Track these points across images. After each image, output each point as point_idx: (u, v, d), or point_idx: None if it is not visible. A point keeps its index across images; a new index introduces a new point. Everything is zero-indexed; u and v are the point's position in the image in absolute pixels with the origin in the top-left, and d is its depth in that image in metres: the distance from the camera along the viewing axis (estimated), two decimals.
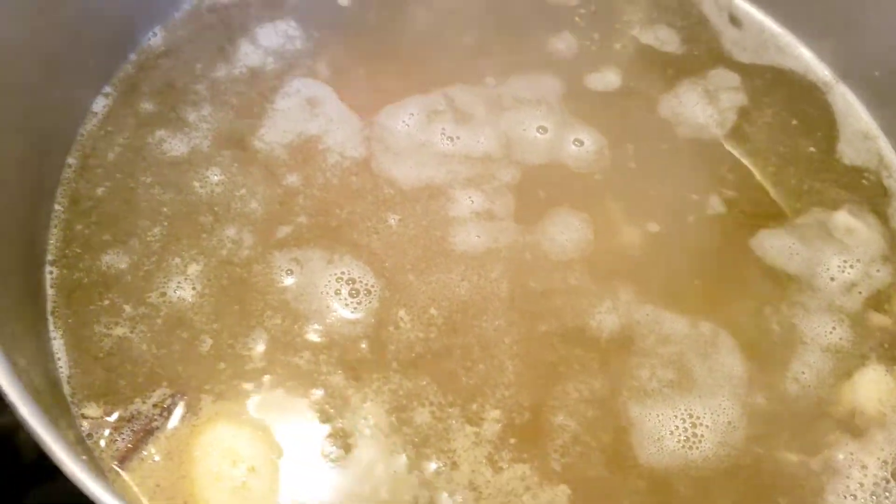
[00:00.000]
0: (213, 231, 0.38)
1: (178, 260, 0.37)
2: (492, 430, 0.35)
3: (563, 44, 0.47)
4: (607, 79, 0.46)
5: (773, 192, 0.43)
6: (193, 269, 0.37)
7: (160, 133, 0.40)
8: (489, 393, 0.35)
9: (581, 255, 0.40)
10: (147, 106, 0.41)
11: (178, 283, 0.37)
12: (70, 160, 0.39)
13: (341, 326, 0.37)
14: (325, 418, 0.34)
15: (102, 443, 0.32)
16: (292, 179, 0.40)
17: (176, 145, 0.40)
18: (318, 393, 0.35)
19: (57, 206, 0.37)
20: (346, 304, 0.37)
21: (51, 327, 0.35)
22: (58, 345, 0.34)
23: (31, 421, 0.26)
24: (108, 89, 0.41)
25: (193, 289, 0.37)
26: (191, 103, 0.41)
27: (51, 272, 0.36)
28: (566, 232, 0.41)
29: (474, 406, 0.35)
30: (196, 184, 0.39)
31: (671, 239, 0.41)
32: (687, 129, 0.45)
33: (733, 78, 0.47)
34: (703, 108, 0.45)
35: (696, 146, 0.44)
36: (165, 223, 0.38)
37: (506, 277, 0.39)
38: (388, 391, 0.35)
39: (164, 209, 0.38)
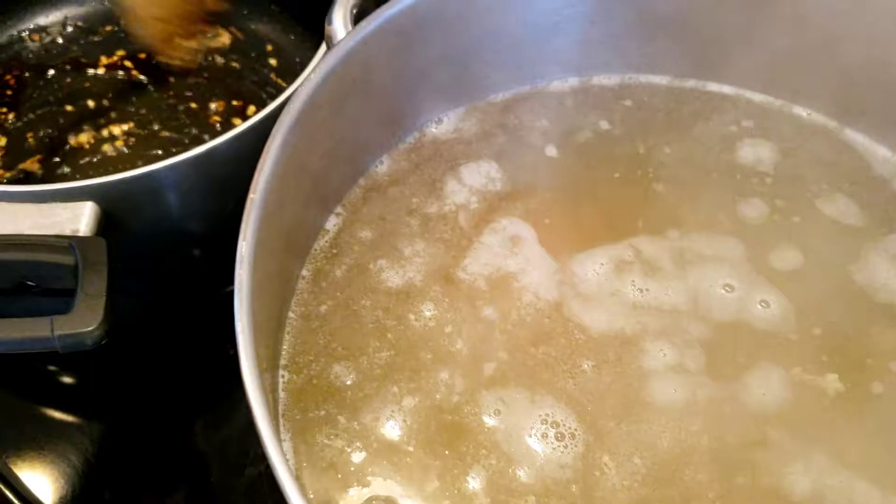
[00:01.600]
0: (430, 370, 0.41)
1: (395, 389, 0.40)
2: None
3: (751, 209, 0.49)
4: (792, 248, 0.48)
5: None
6: (408, 402, 0.40)
7: (381, 262, 0.44)
8: None
9: (778, 412, 0.41)
10: (367, 233, 0.45)
11: (392, 412, 0.40)
12: (304, 272, 0.42)
13: (552, 470, 0.39)
14: None
15: None
16: (489, 312, 0.43)
17: (393, 276, 0.44)
18: None
19: (291, 314, 0.41)
20: (554, 448, 0.39)
21: (282, 428, 0.38)
22: (287, 446, 0.37)
23: None
24: (339, 209, 0.45)
25: (405, 421, 0.39)
26: (405, 236, 0.45)
27: (283, 376, 0.39)
28: (762, 388, 0.42)
29: None
30: (411, 316, 0.42)
31: (870, 405, 0.42)
32: (884, 294, 0.46)
33: None
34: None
35: (888, 311, 0.45)
36: (392, 351, 0.41)
37: (706, 431, 0.40)
38: None
39: (389, 335, 0.41)
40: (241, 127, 0.49)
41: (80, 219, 0.45)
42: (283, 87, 0.68)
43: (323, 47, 0.54)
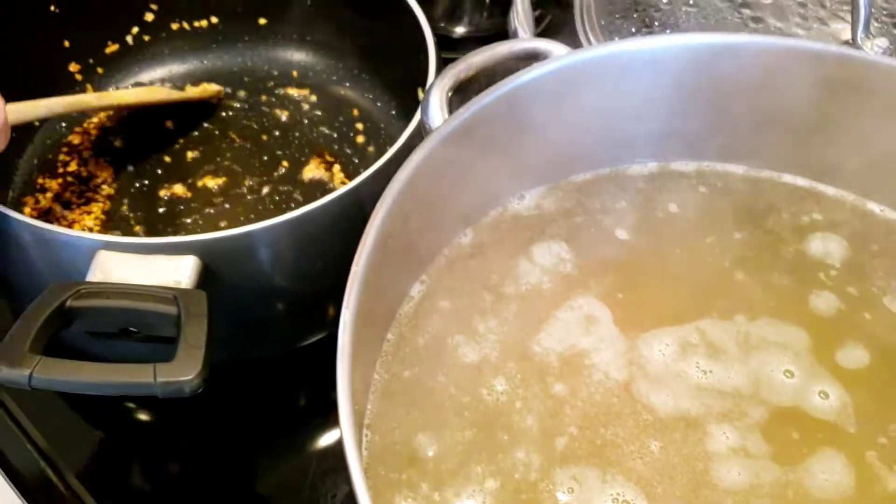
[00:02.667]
0: (508, 451, 0.42)
1: (479, 469, 0.41)
2: None
3: (820, 301, 0.50)
4: (858, 345, 0.49)
5: None
6: (490, 484, 0.41)
7: (458, 338, 0.46)
8: None
9: (841, 498, 0.42)
10: (447, 304, 0.47)
11: (474, 491, 0.41)
12: (389, 335, 0.45)
13: None
14: None
15: None
16: (560, 389, 0.45)
17: (468, 352, 0.46)
18: None
19: (376, 376, 0.43)
20: None
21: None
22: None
23: None
24: (424, 277, 0.48)
25: (484, 501, 0.41)
26: (481, 312, 0.47)
27: (366, 435, 0.41)
28: (825, 473, 0.43)
29: None
30: (484, 391, 0.44)
31: None
32: None
33: None
34: None
35: None
36: (473, 429, 0.42)
37: None
38: None
39: (466, 413, 0.43)
40: (334, 194, 0.52)
41: (182, 271, 0.49)
42: (368, 152, 0.71)
43: (414, 121, 0.58)
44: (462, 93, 0.48)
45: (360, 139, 0.72)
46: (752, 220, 0.53)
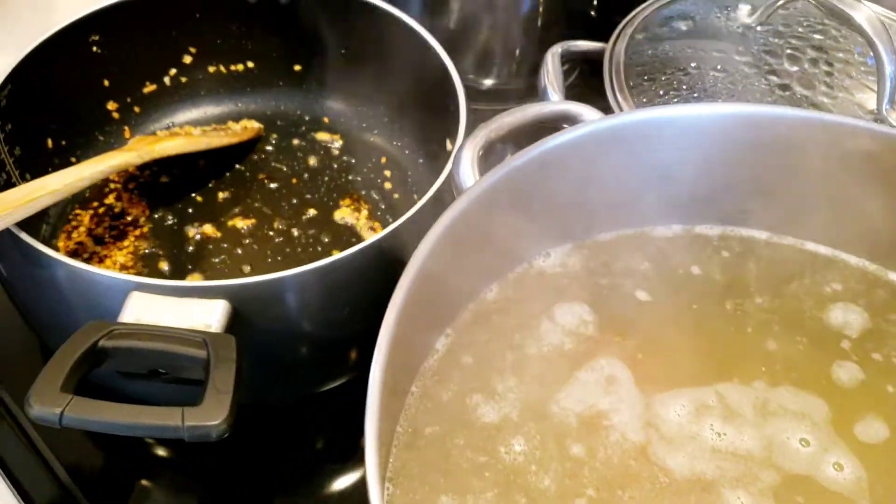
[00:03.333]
0: None
1: None
2: None
3: (842, 372, 0.51)
4: (878, 419, 0.49)
5: None
6: None
7: (476, 397, 0.46)
8: None
9: None
10: (469, 359, 0.48)
11: None
12: (413, 388, 0.46)
13: None
14: None
15: None
16: (578, 450, 0.46)
17: (488, 411, 0.46)
18: None
19: (399, 429, 0.44)
20: None
21: None
22: None
23: None
24: (448, 331, 0.48)
25: None
26: (501, 371, 0.47)
27: (388, 488, 0.42)
28: None
29: None
30: (502, 450, 0.45)
31: None
32: None
33: None
34: None
35: None
36: (495, 490, 0.43)
37: None
38: None
39: (486, 474, 0.43)
40: (363, 244, 0.53)
41: (213, 315, 0.50)
42: (395, 198, 0.72)
43: (443, 175, 0.59)
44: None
45: (388, 185, 0.74)
46: (774, 286, 0.54)
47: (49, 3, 0.90)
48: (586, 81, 0.75)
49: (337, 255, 0.52)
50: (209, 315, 0.50)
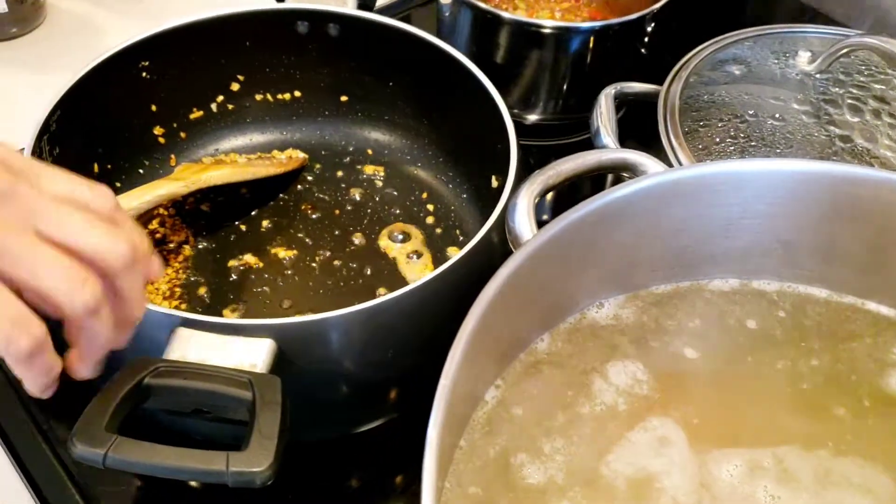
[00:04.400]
0: None
1: None
2: None
3: None
4: None
5: None
6: None
7: (521, 457, 0.45)
8: None
9: None
10: (518, 412, 0.47)
11: None
12: (462, 443, 0.44)
13: None
14: None
15: None
16: None
17: (533, 472, 0.45)
18: None
19: (447, 484, 0.43)
20: None
21: None
22: None
23: None
24: (499, 381, 0.47)
25: None
26: (546, 430, 0.46)
27: None
28: None
29: None
30: None
31: None
32: None
33: None
34: None
35: None
36: None
37: None
38: None
39: None
40: (413, 285, 0.52)
41: (258, 354, 0.49)
42: (437, 233, 0.71)
43: (493, 217, 0.57)
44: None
45: (430, 220, 0.73)
46: (833, 346, 0.52)
47: (98, 28, 0.90)
48: (636, 122, 0.73)
49: (385, 296, 0.52)
50: (255, 354, 0.49)
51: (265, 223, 0.71)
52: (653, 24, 0.81)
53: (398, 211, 0.73)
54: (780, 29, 0.72)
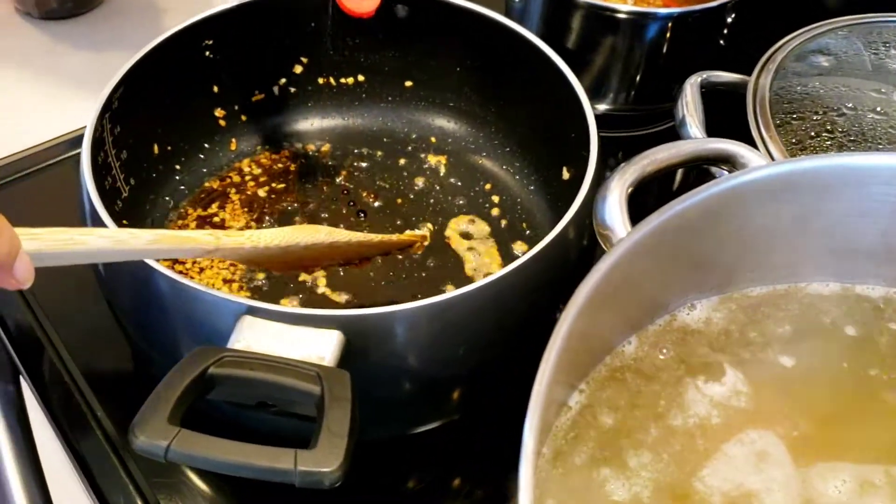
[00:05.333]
0: None
1: None
2: None
3: None
4: None
5: None
6: None
7: (605, 471, 0.42)
8: None
9: None
10: (605, 420, 0.43)
11: None
12: (545, 450, 0.41)
13: None
14: None
15: None
16: None
17: (618, 488, 0.42)
18: None
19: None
20: None
21: None
22: None
23: None
24: (583, 386, 0.44)
25: None
26: (633, 442, 0.43)
27: None
28: None
29: None
30: None
31: None
32: None
33: None
34: None
35: None
36: None
37: None
38: None
39: None
40: (484, 281, 0.49)
41: (326, 346, 0.46)
42: (502, 225, 0.68)
43: (571, 212, 0.54)
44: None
45: (495, 212, 0.70)
46: None
47: (159, 6, 0.89)
48: (718, 114, 0.69)
49: (458, 291, 0.49)
50: (322, 346, 0.46)
51: (325, 212, 0.69)
52: (734, 14, 0.77)
53: (462, 202, 0.70)
54: (874, 19, 0.68)
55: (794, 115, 0.58)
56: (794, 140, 0.56)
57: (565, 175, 0.67)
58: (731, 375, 0.45)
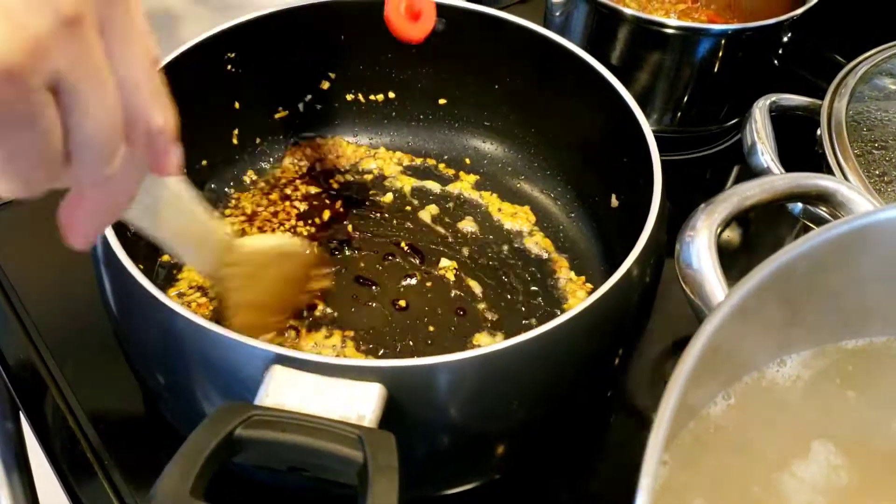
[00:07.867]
0: None
1: None
2: None
3: None
4: None
5: None
6: None
7: None
8: None
9: None
10: (693, 500, 0.38)
11: None
12: None
13: None
14: None
15: None
16: None
17: None
18: None
19: None
20: None
21: None
22: None
23: None
24: (666, 457, 0.39)
25: None
26: None
27: None
28: None
29: None
30: None
31: None
32: None
33: None
34: None
35: None
36: None
37: None
38: None
39: None
40: (531, 333, 0.44)
41: (366, 402, 0.41)
42: (543, 258, 0.63)
43: (637, 250, 0.48)
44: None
45: (533, 240, 0.65)
46: None
47: (177, 16, 0.83)
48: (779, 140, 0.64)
49: (503, 344, 0.43)
50: (363, 402, 0.41)
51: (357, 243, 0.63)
52: (790, 33, 0.72)
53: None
54: None
55: (876, 144, 0.53)
56: (877, 172, 0.51)
57: (614, 203, 0.62)
58: (831, 451, 0.39)
